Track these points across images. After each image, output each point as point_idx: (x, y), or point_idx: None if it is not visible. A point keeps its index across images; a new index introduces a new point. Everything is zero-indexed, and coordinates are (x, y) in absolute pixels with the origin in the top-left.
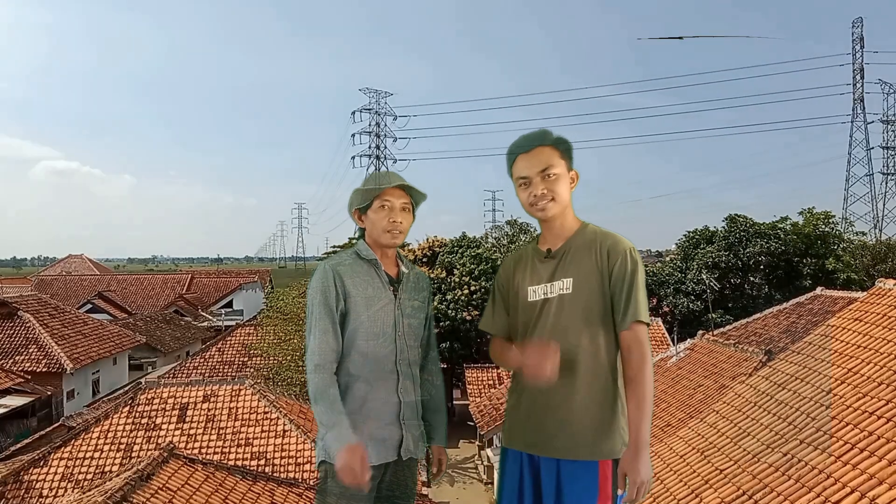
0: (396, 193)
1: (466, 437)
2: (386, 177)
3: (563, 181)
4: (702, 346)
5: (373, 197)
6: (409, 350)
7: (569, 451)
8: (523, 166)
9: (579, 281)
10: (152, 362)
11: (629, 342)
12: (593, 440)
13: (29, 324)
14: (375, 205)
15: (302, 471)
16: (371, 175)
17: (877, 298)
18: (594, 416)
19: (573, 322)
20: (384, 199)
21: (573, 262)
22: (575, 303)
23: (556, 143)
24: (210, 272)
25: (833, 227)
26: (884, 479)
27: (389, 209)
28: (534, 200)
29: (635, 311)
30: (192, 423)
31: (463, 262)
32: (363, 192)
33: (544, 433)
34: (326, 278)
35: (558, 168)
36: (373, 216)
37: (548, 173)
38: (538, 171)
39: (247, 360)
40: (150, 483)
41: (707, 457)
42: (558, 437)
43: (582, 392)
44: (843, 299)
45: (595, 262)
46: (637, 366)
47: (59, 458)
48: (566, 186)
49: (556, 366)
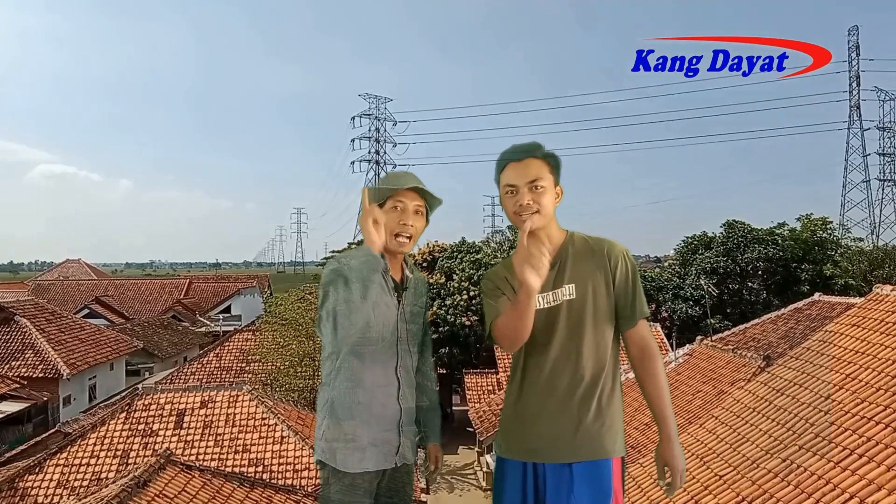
0: (410, 195)
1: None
2: (402, 177)
3: (549, 194)
4: (700, 352)
5: (386, 197)
6: (409, 356)
7: (582, 452)
8: (512, 175)
9: (582, 286)
10: (149, 368)
11: (640, 338)
12: (605, 439)
13: (25, 329)
14: (388, 205)
15: (300, 477)
16: (388, 175)
17: (874, 304)
18: (603, 415)
19: (583, 326)
20: (397, 199)
21: (573, 268)
22: (582, 307)
23: (546, 157)
24: (208, 277)
25: (830, 233)
26: (882, 484)
27: (402, 210)
28: (519, 210)
29: (642, 308)
30: (190, 429)
31: (462, 268)
32: (377, 191)
33: (553, 438)
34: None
35: (546, 181)
36: (385, 216)
37: (535, 184)
38: (526, 182)
39: (245, 365)
40: (147, 490)
41: (706, 463)
42: (570, 441)
43: (589, 393)
44: (841, 305)
45: (595, 266)
46: (651, 359)
47: (54, 464)
48: (551, 200)
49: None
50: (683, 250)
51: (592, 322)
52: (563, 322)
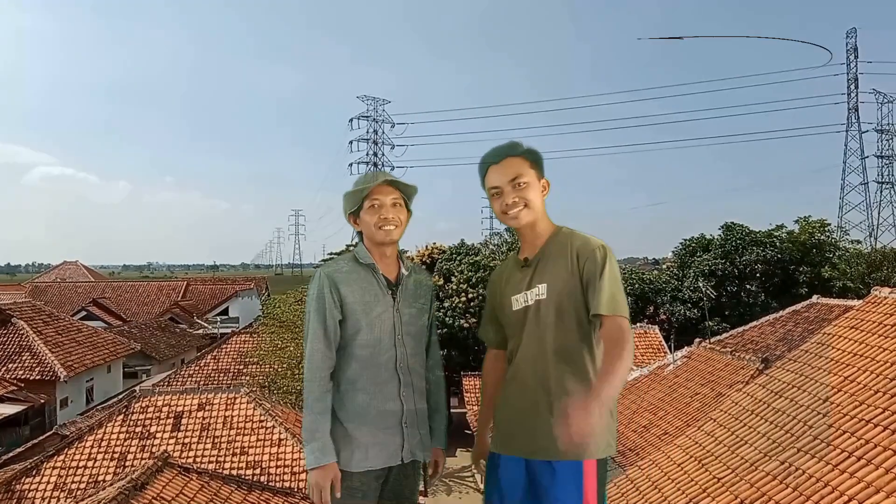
0: (385, 191)
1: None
2: (371, 176)
3: (533, 189)
4: (699, 354)
5: (362, 198)
6: (410, 356)
7: (550, 452)
8: (494, 177)
9: (553, 285)
10: (147, 370)
11: (606, 334)
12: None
13: (22, 331)
14: (366, 206)
15: (297, 480)
16: (358, 177)
17: (872, 306)
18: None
19: (550, 326)
20: (373, 198)
21: (547, 267)
22: (549, 306)
23: (525, 154)
24: (206, 279)
25: (829, 235)
26: (880, 487)
27: (379, 207)
28: (505, 209)
29: (609, 304)
30: (187, 431)
31: (461, 270)
32: (352, 194)
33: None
34: (322, 286)
35: (528, 177)
36: (365, 217)
37: (517, 182)
38: (508, 181)
39: (243, 367)
40: (144, 492)
41: (705, 465)
42: (535, 439)
43: (556, 393)
44: (839, 307)
45: (566, 264)
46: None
47: (51, 467)
48: (538, 193)
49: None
50: (682, 253)
51: (560, 322)
52: (531, 323)
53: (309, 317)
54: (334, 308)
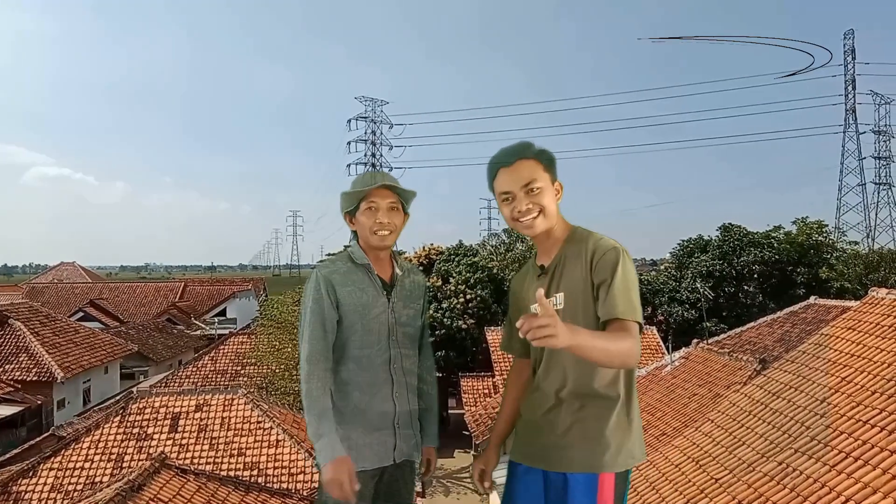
0: (382, 193)
1: (461, 447)
2: (370, 178)
3: (548, 194)
4: (696, 355)
5: (359, 199)
6: (404, 357)
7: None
8: (506, 181)
9: (571, 293)
10: (144, 371)
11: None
12: (587, 452)
13: (19, 332)
14: (362, 207)
15: (295, 481)
16: (356, 178)
17: (870, 307)
18: (590, 428)
19: None
20: (370, 200)
21: (563, 275)
22: (567, 317)
23: (538, 156)
24: (203, 280)
25: (826, 236)
26: (878, 488)
27: (375, 210)
28: (518, 216)
29: (625, 308)
30: (185, 432)
31: (459, 271)
32: (349, 194)
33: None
34: (318, 287)
35: (542, 181)
36: (361, 219)
37: (531, 187)
38: (521, 186)
39: (240, 369)
40: (142, 494)
41: (702, 466)
42: (551, 450)
43: (572, 405)
44: (837, 308)
45: (582, 269)
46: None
47: (48, 468)
48: (552, 198)
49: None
50: (679, 253)
51: None
52: None
53: (306, 317)
54: (332, 309)
